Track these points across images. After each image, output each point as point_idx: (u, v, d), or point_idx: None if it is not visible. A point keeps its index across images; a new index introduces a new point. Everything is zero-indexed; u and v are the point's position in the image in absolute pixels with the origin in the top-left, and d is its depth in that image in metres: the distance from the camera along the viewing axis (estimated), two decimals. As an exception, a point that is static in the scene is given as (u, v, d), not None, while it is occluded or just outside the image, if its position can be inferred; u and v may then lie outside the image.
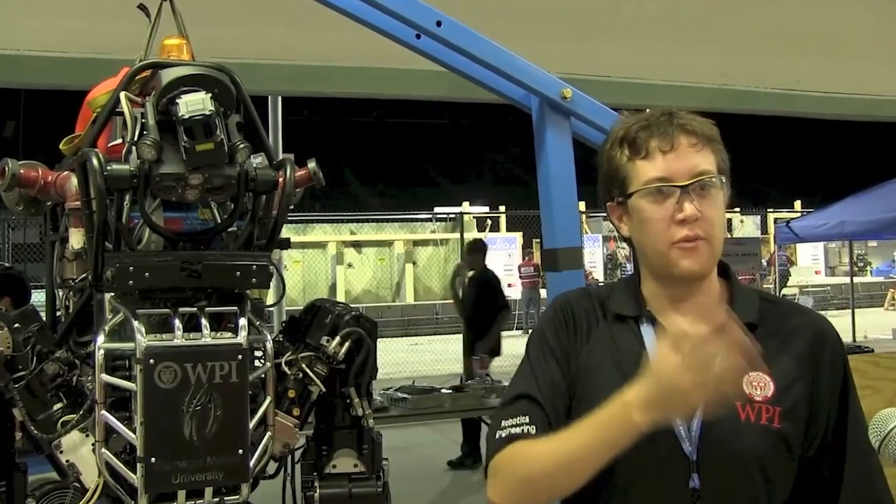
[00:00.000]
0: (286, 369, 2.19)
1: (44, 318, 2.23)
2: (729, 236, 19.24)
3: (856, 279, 18.55)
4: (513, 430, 1.47)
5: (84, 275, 2.09)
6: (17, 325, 2.08)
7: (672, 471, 1.44)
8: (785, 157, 31.02)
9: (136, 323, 1.92)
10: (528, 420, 1.47)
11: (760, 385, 1.45)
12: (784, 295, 18.27)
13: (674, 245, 1.47)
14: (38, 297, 2.47)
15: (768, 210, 23.04)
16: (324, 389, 2.21)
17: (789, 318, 1.54)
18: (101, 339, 1.94)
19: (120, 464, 1.93)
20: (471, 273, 7.87)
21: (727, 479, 1.42)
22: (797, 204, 24.04)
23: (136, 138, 1.94)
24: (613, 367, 1.52)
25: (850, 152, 27.93)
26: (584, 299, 1.64)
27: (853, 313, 15.70)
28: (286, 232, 2.19)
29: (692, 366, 1.25)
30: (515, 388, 1.54)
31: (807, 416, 1.47)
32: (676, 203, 1.46)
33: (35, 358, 2.06)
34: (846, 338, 14.27)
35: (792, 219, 13.58)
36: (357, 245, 20.95)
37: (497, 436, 1.48)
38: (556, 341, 1.57)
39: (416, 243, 21.37)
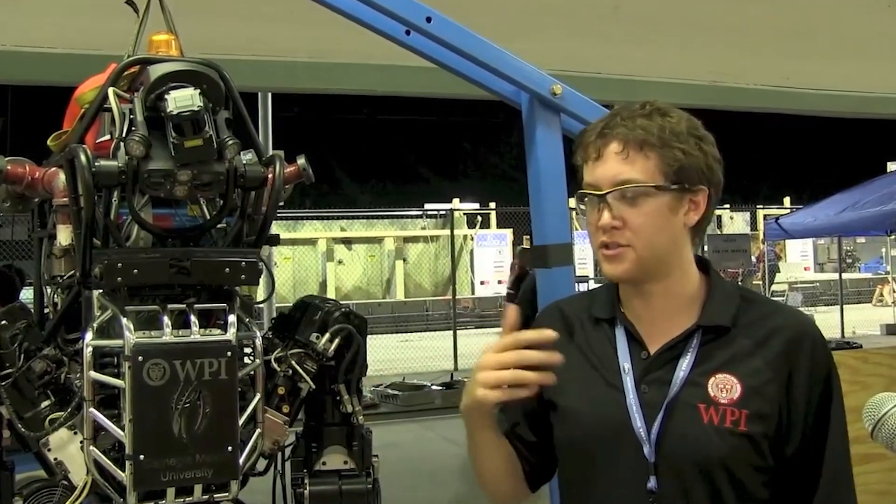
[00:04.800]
0: (276, 366, 2.19)
1: (32, 315, 2.22)
2: (719, 232, 19.30)
3: (844, 275, 18.64)
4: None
5: (72, 272, 2.08)
6: (3, 321, 2.07)
7: (632, 472, 1.45)
8: (774, 153, 31.15)
9: (124, 320, 1.91)
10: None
11: (727, 387, 1.44)
12: (773, 291, 18.37)
13: (599, 250, 1.50)
14: (25, 295, 2.46)
15: (758, 206, 23.10)
16: (313, 386, 2.20)
17: (769, 318, 1.52)
18: (89, 336, 1.93)
19: (108, 461, 1.92)
20: None
21: (685, 481, 1.42)
22: (786, 200, 24.14)
23: (124, 134, 1.93)
24: (588, 371, 1.54)
25: (840, 149, 28.05)
26: (566, 307, 1.68)
27: (842, 309, 15.79)
28: (276, 228, 2.18)
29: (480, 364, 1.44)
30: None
31: (780, 418, 1.45)
32: (597, 211, 1.48)
33: (22, 355, 2.04)
34: (835, 334, 14.36)
35: (781, 215, 13.63)
36: (347, 242, 20.92)
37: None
38: None
39: (407, 240, 21.36)
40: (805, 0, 4.34)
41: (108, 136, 2.05)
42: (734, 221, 23.07)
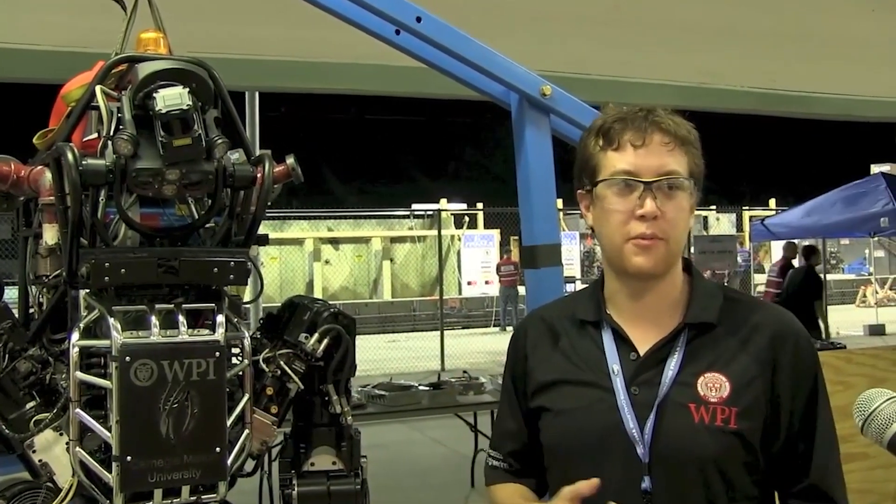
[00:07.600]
0: (264, 366, 2.17)
1: (16, 316, 2.20)
2: (705, 234, 19.42)
3: (829, 276, 18.77)
4: (493, 463, 1.76)
5: (58, 271, 2.06)
6: (-12, 322, 2.04)
7: (625, 473, 1.46)
8: (760, 155, 31.34)
9: (111, 320, 1.89)
10: (501, 457, 1.74)
11: (716, 386, 1.46)
12: (759, 292, 18.46)
13: (629, 240, 1.48)
14: (10, 294, 2.43)
15: (744, 208, 23.24)
16: (302, 387, 2.19)
17: (752, 315, 1.54)
18: (75, 336, 1.91)
19: (95, 463, 1.90)
20: None
21: (679, 481, 1.44)
22: (772, 202, 24.29)
23: (112, 133, 1.91)
24: (575, 375, 1.56)
25: (825, 151, 28.25)
26: (546, 314, 1.69)
27: (825, 310, 15.88)
28: (263, 228, 2.17)
29: None
30: (499, 419, 1.78)
31: (767, 413, 1.47)
32: (639, 198, 1.47)
33: (7, 356, 2.02)
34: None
35: (767, 216, 13.71)
36: (334, 242, 20.91)
37: (488, 462, 1.79)
38: (511, 376, 1.71)
39: (394, 240, 21.38)
40: (792, 4, 4.37)
41: (94, 135, 2.03)
42: (720, 223, 23.22)
